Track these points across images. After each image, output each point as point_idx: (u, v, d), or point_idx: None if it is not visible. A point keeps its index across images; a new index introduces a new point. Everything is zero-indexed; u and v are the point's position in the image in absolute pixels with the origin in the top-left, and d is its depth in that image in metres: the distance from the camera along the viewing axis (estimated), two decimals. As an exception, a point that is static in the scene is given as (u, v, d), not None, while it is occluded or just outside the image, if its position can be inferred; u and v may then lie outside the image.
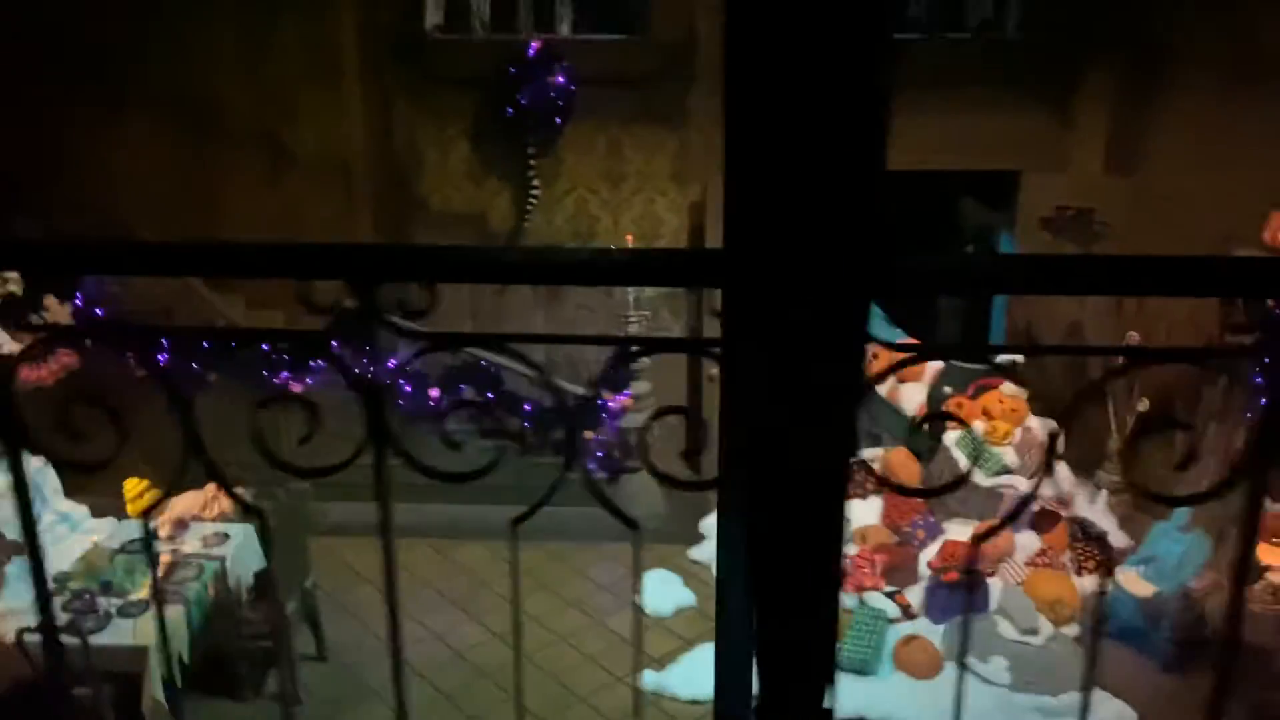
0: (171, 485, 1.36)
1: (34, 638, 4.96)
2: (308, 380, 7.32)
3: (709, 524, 7.27)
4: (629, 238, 7.41)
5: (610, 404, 7.30)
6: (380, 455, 1.22)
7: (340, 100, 7.48)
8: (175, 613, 5.34)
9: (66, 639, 5.04)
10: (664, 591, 6.53)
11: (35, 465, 5.98)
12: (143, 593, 5.41)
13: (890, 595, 6.13)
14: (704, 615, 6.41)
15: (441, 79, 7.40)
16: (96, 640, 5.09)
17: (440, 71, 7.38)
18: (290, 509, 5.54)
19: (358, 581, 6.66)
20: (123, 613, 5.28)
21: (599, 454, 7.55)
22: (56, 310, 5.51)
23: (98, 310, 7.43)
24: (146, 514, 5.22)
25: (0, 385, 1.25)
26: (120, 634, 5.18)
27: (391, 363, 7.42)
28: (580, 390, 7.41)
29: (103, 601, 5.33)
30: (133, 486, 5.76)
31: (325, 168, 7.62)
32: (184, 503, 5.81)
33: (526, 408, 7.46)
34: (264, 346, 7.32)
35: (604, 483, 7.66)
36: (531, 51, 7.16)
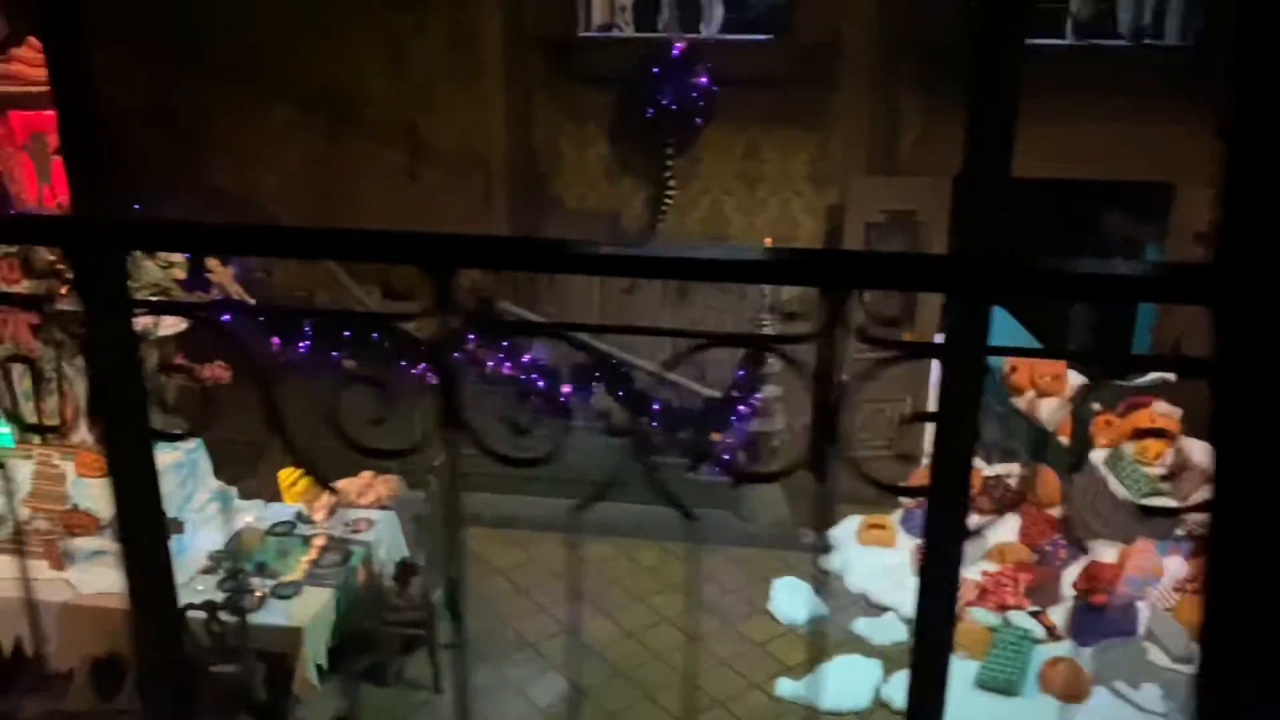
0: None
1: (196, 614, 5.09)
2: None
3: (837, 533, 7.17)
4: (768, 241, 7.34)
5: (740, 407, 7.25)
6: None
7: (482, 96, 7.56)
8: (325, 596, 5.44)
9: (225, 616, 5.17)
10: (795, 600, 6.46)
11: (190, 445, 6.15)
12: (295, 574, 5.53)
13: (1034, 615, 5.97)
14: (837, 625, 6.33)
15: (584, 77, 7.43)
16: (251, 619, 5.21)
17: (584, 70, 7.41)
18: (436, 497, 5.61)
19: (490, 572, 6.72)
20: (276, 593, 5.40)
21: (725, 456, 7.52)
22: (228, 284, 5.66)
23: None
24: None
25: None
26: (274, 614, 5.30)
27: (526, 358, 7.51)
28: (710, 392, 7.40)
29: (256, 581, 5.46)
30: (287, 475, 5.88)
31: (464, 162, 7.71)
32: (339, 489, 5.91)
33: (655, 407, 7.46)
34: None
35: (728, 486, 7.61)
36: (675, 52, 7.15)
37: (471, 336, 7.58)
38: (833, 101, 7.29)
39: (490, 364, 7.49)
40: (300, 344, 7.29)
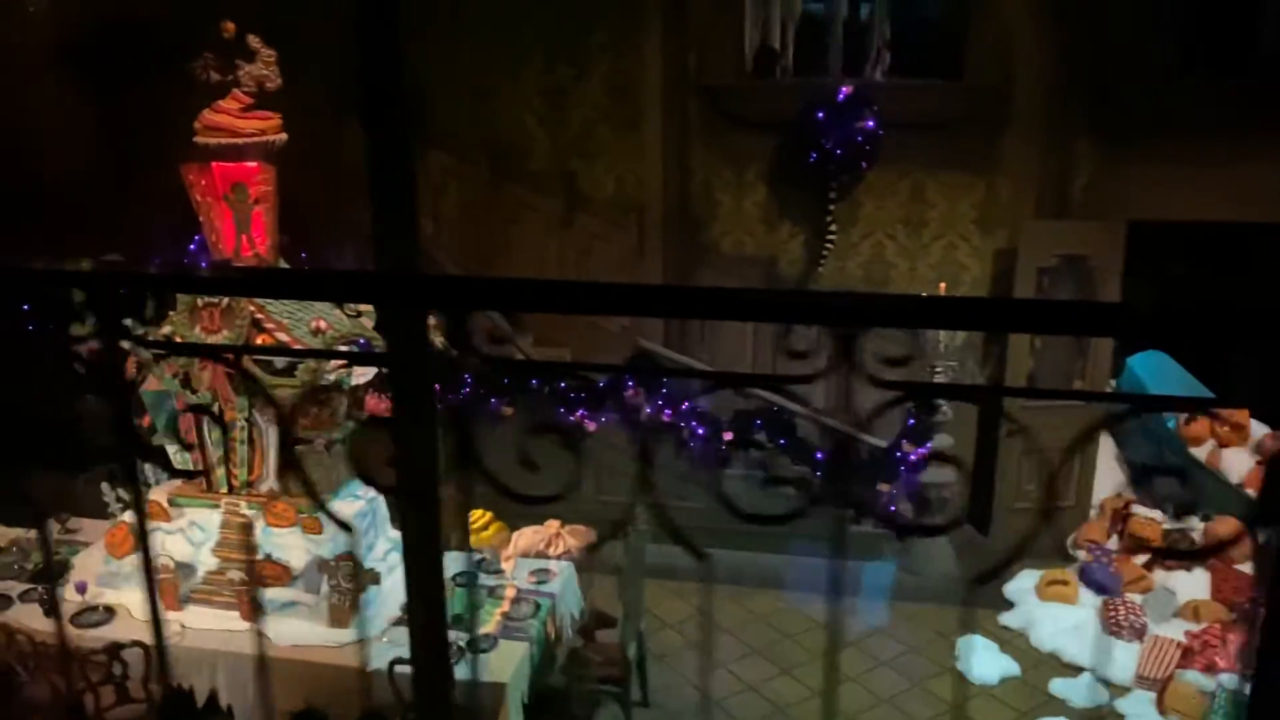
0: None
1: (403, 669, 5.00)
2: (602, 419, 7.34)
3: (1013, 588, 6.92)
4: (942, 286, 7.19)
5: (910, 457, 7.06)
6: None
7: (640, 143, 7.54)
8: (522, 650, 5.33)
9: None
10: (984, 659, 6.22)
11: (370, 493, 6.11)
12: (489, 627, 5.43)
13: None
14: (1029, 685, 6.07)
15: (744, 123, 7.38)
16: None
17: (744, 115, 7.36)
18: (635, 550, 5.49)
19: (659, 626, 6.58)
20: (472, 647, 5.30)
21: (891, 508, 7.31)
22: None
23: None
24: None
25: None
26: (472, 669, 5.19)
27: (686, 405, 7.39)
28: (877, 441, 7.22)
29: (452, 635, 5.36)
30: (475, 517, 5.81)
31: (619, 209, 7.68)
32: (526, 538, 5.83)
33: (819, 456, 7.29)
34: (561, 383, 7.40)
35: (895, 539, 7.39)
36: (841, 96, 7.06)
37: (630, 383, 7.52)
38: (1002, 144, 7.15)
39: (649, 410, 7.39)
40: (461, 390, 7.26)
